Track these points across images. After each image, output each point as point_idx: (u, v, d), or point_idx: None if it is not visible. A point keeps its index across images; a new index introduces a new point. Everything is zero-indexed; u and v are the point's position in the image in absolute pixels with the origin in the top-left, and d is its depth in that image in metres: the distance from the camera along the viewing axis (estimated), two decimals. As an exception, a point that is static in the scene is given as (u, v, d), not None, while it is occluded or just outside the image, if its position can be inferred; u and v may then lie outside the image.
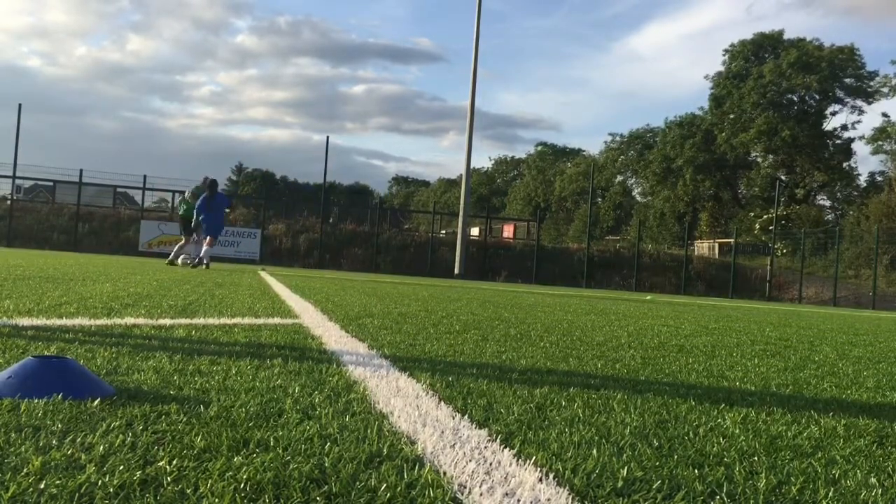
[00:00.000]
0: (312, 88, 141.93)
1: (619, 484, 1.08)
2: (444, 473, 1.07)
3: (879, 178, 45.72)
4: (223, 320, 3.28)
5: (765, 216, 38.67)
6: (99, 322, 2.88)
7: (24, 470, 0.97)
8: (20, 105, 26.00)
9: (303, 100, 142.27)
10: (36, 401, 1.35)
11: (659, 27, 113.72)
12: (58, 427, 1.19)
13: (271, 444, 1.17)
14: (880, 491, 1.15)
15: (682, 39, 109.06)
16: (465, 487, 1.02)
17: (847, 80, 47.28)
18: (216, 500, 0.91)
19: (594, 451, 1.26)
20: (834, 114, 48.61)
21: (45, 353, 1.97)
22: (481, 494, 1.00)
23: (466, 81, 27.85)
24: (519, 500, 0.99)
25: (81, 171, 26.90)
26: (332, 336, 2.88)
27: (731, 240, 32.60)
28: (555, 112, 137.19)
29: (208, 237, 11.81)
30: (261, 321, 3.37)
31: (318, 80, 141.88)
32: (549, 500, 1.00)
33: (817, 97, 47.78)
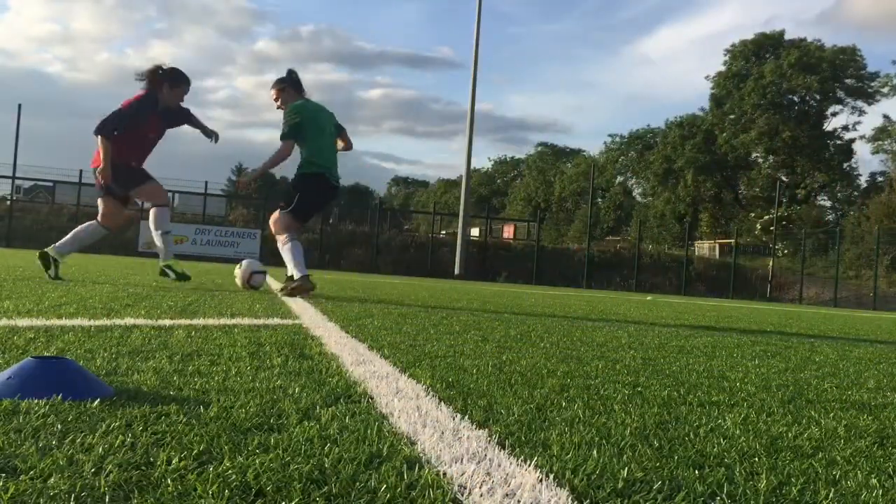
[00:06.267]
0: (329, 93, 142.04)
1: (620, 485, 1.08)
2: (444, 474, 1.07)
3: (880, 179, 45.75)
4: (223, 321, 3.28)
5: (765, 217, 38.66)
6: (98, 322, 2.88)
7: (24, 470, 0.97)
8: (20, 105, 26.05)
9: (319, 103, 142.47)
10: (35, 401, 1.35)
11: (671, 31, 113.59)
12: (57, 428, 1.19)
13: (271, 444, 1.17)
14: (881, 492, 1.15)
15: (694, 44, 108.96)
16: (465, 488, 1.02)
17: (848, 81, 47.27)
18: (216, 500, 0.91)
19: (594, 452, 1.25)
20: (835, 114, 48.64)
21: (45, 353, 1.97)
22: (481, 495, 1.00)
23: (478, 85, 27.91)
24: (519, 501, 0.99)
25: (81, 171, 26.91)
26: (331, 336, 2.87)
27: (732, 240, 32.61)
28: (566, 115, 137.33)
29: None
30: (261, 321, 3.37)
31: (336, 85, 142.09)
32: (549, 500, 0.99)
33: (818, 97, 47.77)
